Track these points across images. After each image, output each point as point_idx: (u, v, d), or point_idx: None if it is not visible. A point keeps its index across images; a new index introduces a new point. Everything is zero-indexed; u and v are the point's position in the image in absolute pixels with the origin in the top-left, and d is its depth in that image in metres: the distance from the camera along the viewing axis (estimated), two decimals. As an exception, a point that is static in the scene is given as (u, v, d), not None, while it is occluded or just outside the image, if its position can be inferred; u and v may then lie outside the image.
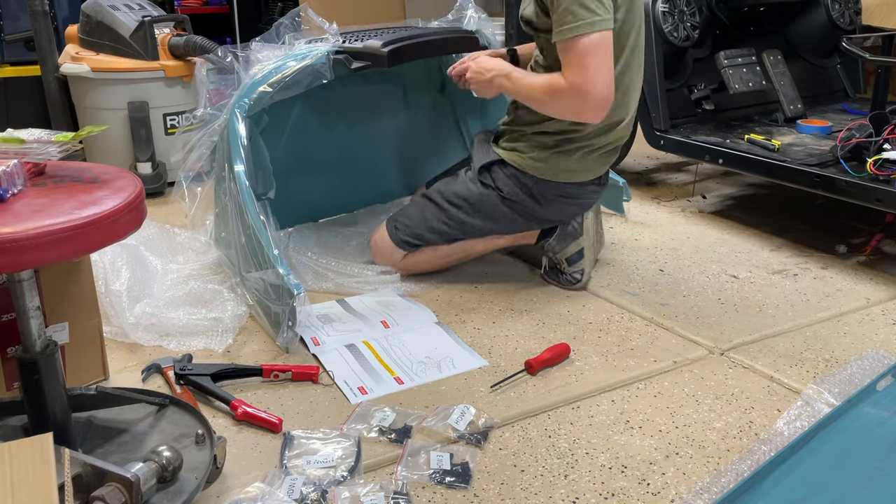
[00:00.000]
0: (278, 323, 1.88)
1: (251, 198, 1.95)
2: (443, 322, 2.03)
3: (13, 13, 3.49)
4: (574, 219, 2.20)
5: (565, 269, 2.22)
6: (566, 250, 2.20)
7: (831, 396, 1.64)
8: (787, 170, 2.44)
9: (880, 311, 2.09)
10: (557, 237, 2.21)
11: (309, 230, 2.59)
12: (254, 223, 1.92)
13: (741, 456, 1.48)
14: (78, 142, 1.32)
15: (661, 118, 2.81)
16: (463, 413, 1.57)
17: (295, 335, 1.88)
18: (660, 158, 3.53)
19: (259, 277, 1.91)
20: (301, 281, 2.23)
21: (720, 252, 2.49)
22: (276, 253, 1.88)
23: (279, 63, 2.13)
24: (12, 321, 1.39)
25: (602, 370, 1.79)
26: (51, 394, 1.30)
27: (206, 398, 1.67)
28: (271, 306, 1.91)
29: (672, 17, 2.81)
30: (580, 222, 2.20)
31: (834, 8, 3.19)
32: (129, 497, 1.18)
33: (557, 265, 2.24)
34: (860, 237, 2.57)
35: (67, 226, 1.11)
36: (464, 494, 1.38)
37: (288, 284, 1.83)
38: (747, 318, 2.04)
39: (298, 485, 1.37)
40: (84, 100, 3.03)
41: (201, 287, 2.09)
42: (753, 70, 2.95)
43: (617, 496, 1.38)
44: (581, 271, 2.21)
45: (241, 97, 2.08)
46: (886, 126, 2.33)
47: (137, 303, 1.95)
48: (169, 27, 3.09)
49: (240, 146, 2.00)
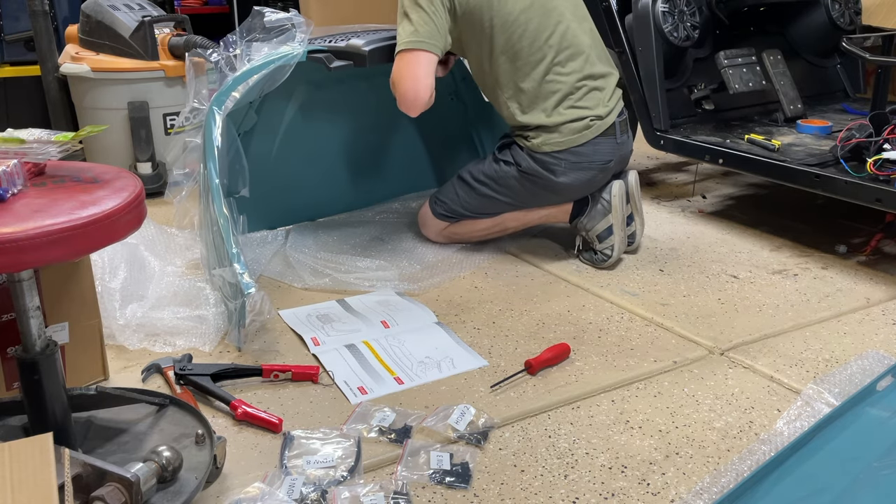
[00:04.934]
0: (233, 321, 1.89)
1: (219, 194, 1.94)
2: (443, 322, 2.03)
3: (13, 13, 3.48)
4: (601, 189, 2.30)
5: (596, 246, 2.33)
6: (596, 227, 2.31)
7: (831, 396, 1.64)
8: (787, 170, 2.44)
9: (880, 311, 2.09)
10: (588, 215, 2.31)
11: (307, 229, 2.60)
12: (219, 219, 1.91)
13: (741, 456, 1.48)
14: (78, 142, 1.33)
15: (661, 118, 2.81)
16: (463, 413, 1.57)
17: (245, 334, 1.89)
18: (660, 158, 3.53)
19: (220, 274, 1.91)
20: (299, 279, 2.25)
21: (720, 252, 2.49)
22: (236, 251, 1.86)
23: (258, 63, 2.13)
24: (12, 321, 1.39)
25: (602, 370, 1.79)
26: (51, 394, 1.30)
27: (206, 398, 1.67)
28: (228, 303, 1.92)
29: (672, 17, 2.81)
30: (608, 199, 2.29)
31: (834, 8, 3.19)
32: (129, 497, 1.18)
33: (590, 243, 2.35)
34: (860, 237, 2.57)
35: (67, 226, 1.11)
36: (464, 494, 1.38)
37: (240, 283, 1.80)
38: (747, 318, 2.04)
39: (298, 485, 1.37)
40: (84, 100, 3.02)
41: (189, 285, 2.09)
42: (753, 70, 2.95)
43: (617, 496, 1.38)
44: (611, 247, 2.30)
45: (219, 95, 2.09)
46: (886, 126, 2.32)
47: (129, 304, 1.95)
48: (169, 27, 3.08)
49: (213, 143, 2.01)
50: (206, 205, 2.04)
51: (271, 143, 2.53)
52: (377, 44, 2.20)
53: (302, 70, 2.17)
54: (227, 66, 2.15)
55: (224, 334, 1.94)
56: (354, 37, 2.24)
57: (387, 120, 2.75)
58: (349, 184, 2.74)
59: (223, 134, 2.02)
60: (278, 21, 2.19)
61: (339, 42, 2.23)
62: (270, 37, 2.18)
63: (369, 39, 2.20)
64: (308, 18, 2.24)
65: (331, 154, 2.68)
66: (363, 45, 2.17)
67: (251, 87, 2.09)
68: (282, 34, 2.18)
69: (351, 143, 2.72)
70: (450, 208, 2.41)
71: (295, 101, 2.53)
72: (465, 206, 2.38)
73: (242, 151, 2.17)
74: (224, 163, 2.04)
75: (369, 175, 2.79)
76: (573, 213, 2.36)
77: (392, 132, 2.79)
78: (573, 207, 2.35)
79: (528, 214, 2.40)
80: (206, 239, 2.09)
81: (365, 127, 2.72)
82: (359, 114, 2.69)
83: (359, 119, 2.69)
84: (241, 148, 2.17)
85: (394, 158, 2.82)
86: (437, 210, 2.43)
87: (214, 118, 2.03)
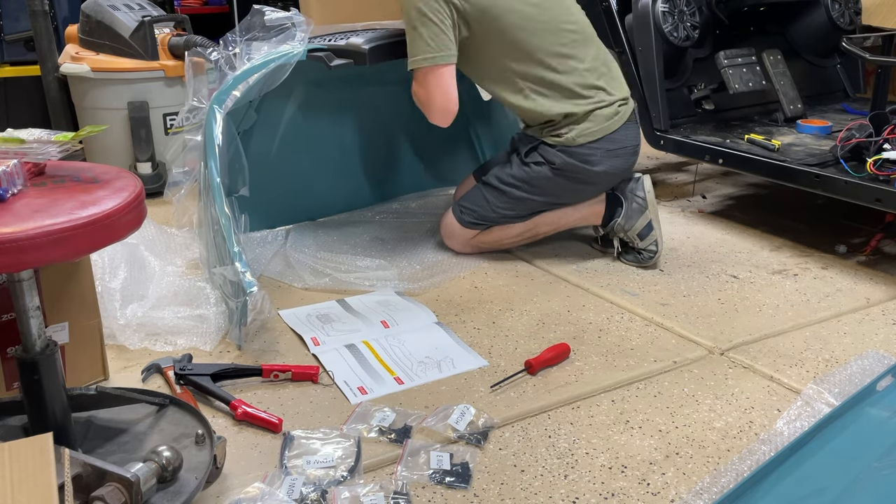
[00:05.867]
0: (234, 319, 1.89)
1: (220, 193, 1.94)
2: (443, 322, 2.03)
3: (13, 13, 3.48)
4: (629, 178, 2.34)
5: (638, 244, 2.33)
6: (635, 226, 2.31)
7: (831, 396, 1.64)
8: (787, 170, 2.44)
9: (880, 311, 2.09)
10: (625, 215, 2.31)
11: (308, 229, 2.60)
12: (220, 218, 1.92)
13: (741, 456, 1.48)
14: (78, 142, 1.32)
15: (661, 118, 2.81)
16: (463, 413, 1.57)
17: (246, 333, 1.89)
18: (660, 158, 3.53)
19: (221, 273, 1.91)
20: (299, 278, 2.25)
21: (720, 252, 2.49)
22: (237, 249, 1.86)
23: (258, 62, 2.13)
24: (12, 321, 1.39)
25: (602, 370, 1.79)
26: (51, 394, 1.30)
27: (206, 398, 1.67)
28: (229, 302, 1.92)
29: (672, 17, 2.81)
30: (643, 196, 2.30)
31: (834, 8, 3.19)
32: (129, 497, 1.18)
33: (630, 243, 2.35)
34: (860, 237, 2.57)
35: (67, 226, 1.11)
36: (464, 494, 1.38)
37: (242, 281, 1.81)
38: (747, 318, 2.04)
39: (298, 485, 1.37)
40: (84, 100, 3.02)
41: (190, 284, 2.09)
42: (753, 70, 2.95)
43: (617, 496, 1.38)
44: (655, 242, 2.31)
45: (219, 94, 2.09)
46: (886, 126, 2.33)
47: (130, 304, 1.95)
48: (169, 27, 3.08)
49: (214, 142, 2.01)
50: (206, 203, 2.04)
51: (271, 142, 2.53)
52: (377, 42, 2.20)
53: (302, 69, 2.17)
54: (226, 64, 2.15)
55: (224, 333, 1.94)
56: (354, 35, 2.24)
57: (386, 120, 2.76)
58: (349, 184, 2.74)
59: (223, 132, 2.02)
60: (278, 20, 2.20)
61: (339, 40, 2.24)
62: (270, 36, 2.18)
63: (369, 38, 2.20)
64: (308, 17, 2.24)
65: (331, 153, 2.68)
66: (363, 44, 2.17)
67: (251, 86, 2.09)
68: (281, 33, 2.19)
69: (351, 142, 2.72)
70: (480, 215, 2.34)
71: (295, 100, 2.53)
72: (496, 210, 2.32)
73: (242, 150, 2.18)
74: (224, 162, 2.04)
75: (369, 175, 2.79)
76: (606, 217, 2.34)
77: (392, 132, 2.79)
78: (605, 211, 2.34)
79: (561, 217, 2.36)
80: (206, 238, 2.09)
81: (365, 126, 2.72)
82: (359, 113, 2.69)
83: (359, 118, 2.70)
84: (240, 147, 2.17)
85: (393, 158, 2.83)
86: (466, 219, 2.36)
87: (215, 116, 2.03)
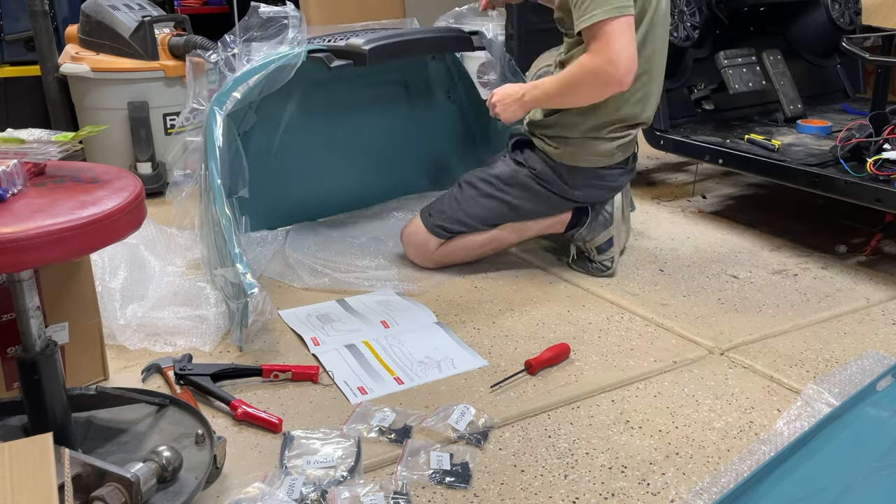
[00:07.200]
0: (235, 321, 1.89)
1: (221, 194, 1.95)
2: (443, 322, 2.03)
3: (13, 13, 3.48)
4: (604, 203, 2.27)
5: (595, 257, 2.31)
6: (596, 239, 2.28)
7: (831, 396, 1.64)
8: (787, 170, 2.44)
9: (880, 311, 2.09)
10: (588, 226, 2.28)
11: (307, 229, 2.60)
12: (221, 219, 1.92)
13: (741, 456, 1.48)
14: (78, 142, 1.33)
15: (661, 118, 2.81)
16: (463, 413, 1.57)
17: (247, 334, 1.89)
18: (660, 158, 3.53)
19: (221, 274, 1.91)
20: (299, 278, 2.25)
21: (720, 252, 2.49)
22: (238, 251, 1.87)
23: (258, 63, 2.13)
24: (12, 321, 1.39)
25: (602, 370, 1.79)
26: (51, 394, 1.30)
27: (206, 398, 1.67)
28: (230, 303, 1.92)
29: (672, 17, 2.80)
30: (611, 211, 2.27)
31: (834, 8, 3.19)
32: (129, 497, 1.18)
33: (586, 253, 2.33)
34: (860, 237, 2.57)
35: (67, 226, 1.11)
36: (464, 494, 1.38)
37: (243, 283, 1.81)
38: (747, 318, 2.04)
39: (298, 485, 1.37)
40: (84, 100, 3.02)
41: (190, 285, 2.09)
42: (753, 70, 2.95)
43: (617, 496, 1.38)
44: (611, 259, 2.29)
45: (219, 96, 2.09)
46: (886, 126, 2.33)
47: (130, 304, 1.95)
48: (169, 27, 3.09)
49: (214, 143, 2.01)
50: (206, 205, 2.04)
51: (271, 142, 2.53)
52: (377, 42, 2.20)
53: (302, 69, 2.17)
54: (226, 66, 2.15)
55: (225, 334, 1.94)
56: (354, 36, 2.24)
57: (386, 120, 2.76)
58: (349, 184, 2.74)
59: (224, 134, 2.02)
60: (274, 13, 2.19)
61: (338, 41, 2.24)
62: (267, 33, 2.18)
63: (369, 38, 2.20)
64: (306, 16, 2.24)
65: (330, 154, 2.68)
66: (363, 45, 2.17)
67: (251, 88, 2.10)
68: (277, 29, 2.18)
69: (351, 142, 2.72)
70: (448, 216, 2.26)
71: (294, 101, 2.53)
72: (466, 211, 2.25)
73: (242, 152, 2.18)
74: (225, 163, 2.04)
75: (369, 175, 2.79)
76: (570, 223, 2.30)
77: (391, 132, 2.79)
78: (571, 218, 2.30)
79: (525, 227, 2.30)
80: (206, 239, 2.10)
81: (365, 127, 2.72)
82: (359, 113, 2.69)
83: (359, 118, 2.69)
84: (240, 148, 2.17)
85: (393, 158, 2.82)
86: (432, 223, 2.27)
87: (215, 118, 2.03)
